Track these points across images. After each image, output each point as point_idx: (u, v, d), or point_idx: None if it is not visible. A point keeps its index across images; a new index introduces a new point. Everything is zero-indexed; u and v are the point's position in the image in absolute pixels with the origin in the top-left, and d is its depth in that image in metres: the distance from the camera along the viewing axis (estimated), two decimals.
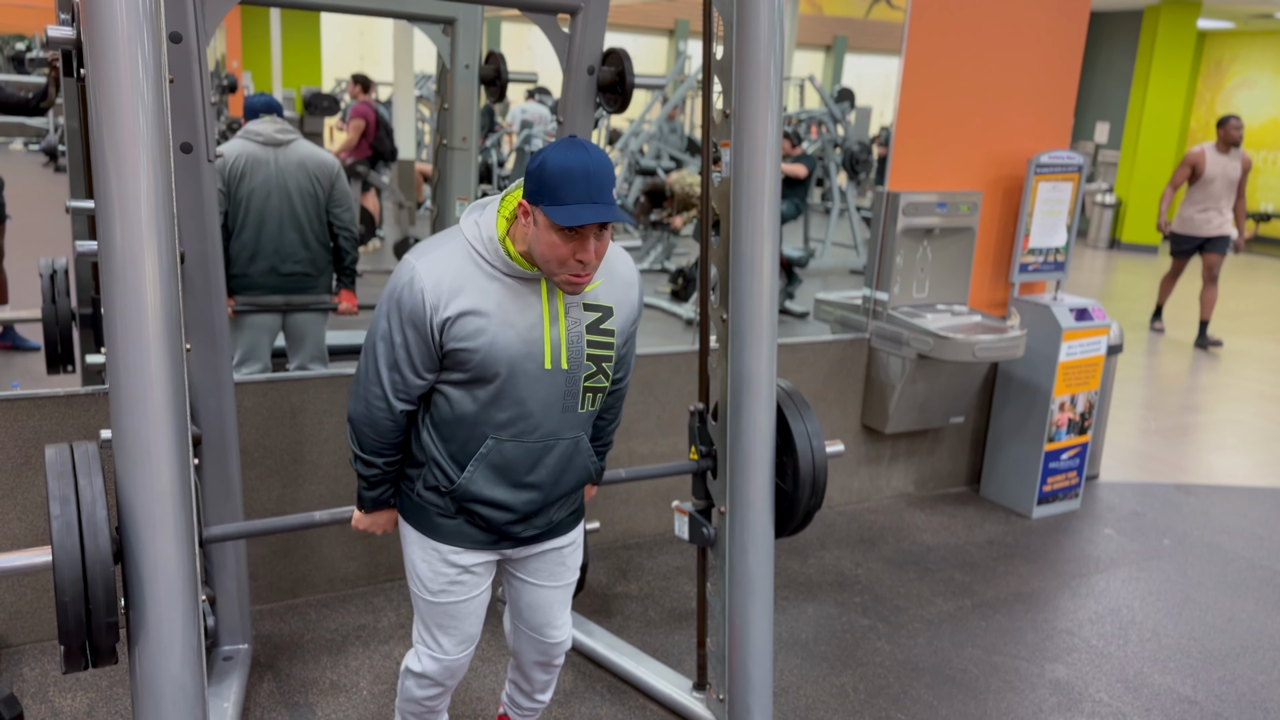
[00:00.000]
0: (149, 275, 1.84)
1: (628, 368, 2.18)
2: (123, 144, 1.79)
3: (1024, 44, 4.16)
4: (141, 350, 1.84)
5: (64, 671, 1.86)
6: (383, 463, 2.03)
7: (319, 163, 3.80)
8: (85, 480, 1.83)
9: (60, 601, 1.77)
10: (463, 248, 1.90)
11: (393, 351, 1.90)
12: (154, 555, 1.86)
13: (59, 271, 3.44)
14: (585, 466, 2.07)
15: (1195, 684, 3.12)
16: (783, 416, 2.57)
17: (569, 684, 2.92)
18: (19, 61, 13.69)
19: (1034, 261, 4.33)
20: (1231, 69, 14.30)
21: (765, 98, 2.40)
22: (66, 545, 1.77)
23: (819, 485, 2.56)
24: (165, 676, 1.90)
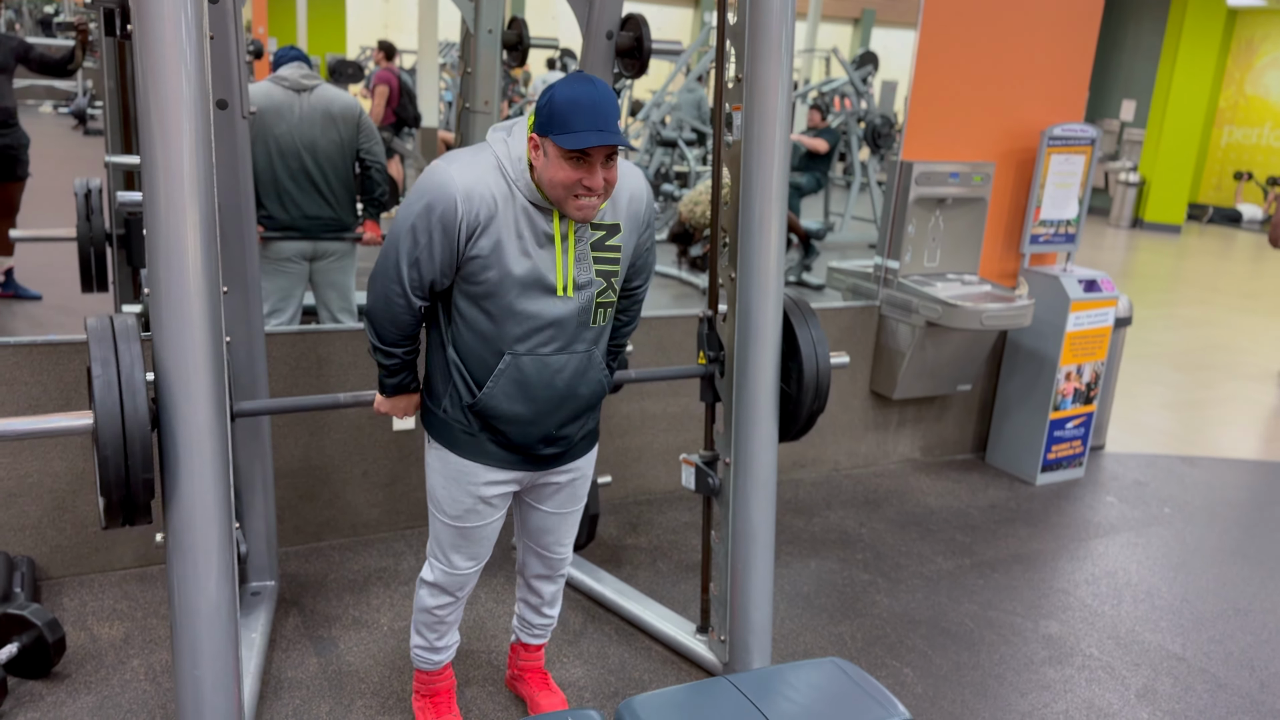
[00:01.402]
0: (190, 223, 1.96)
1: (646, 275, 2.29)
2: (167, 99, 1.91)
3: (1040, 16, 4.21)
4: (183, 292, 1.97)
5: (103, 527, 1.99)
6: (401, 352, 2.15)
7: (343, 105, 3.91)
8: (125, 346, 1.95)
9: (101, 457, 1.89)
10: (493, 163, 1.99)
11: (415, 249, 1.98)
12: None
13: (93, 191, 3.51)
14: (598, 380, 2.19)
15: (1185, 642, 3.23)
16: (789, 324, 2.67)
17: (578, 624, 3.06)
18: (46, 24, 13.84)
19: (1045, 233, 4.40)
20: (1263, 48, 14.14)
21: (776, 63, 2.49)
22: (107, 403, 1.89)
23: (822, 389, 2.66)
24: (201, 597, 2.04)
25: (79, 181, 3.50)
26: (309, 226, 3.93)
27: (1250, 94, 14.39)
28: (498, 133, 2.05)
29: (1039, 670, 3.02)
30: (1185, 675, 3.04)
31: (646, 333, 3.79)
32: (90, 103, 11.38)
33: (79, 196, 3.44)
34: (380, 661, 2.82)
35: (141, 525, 2.02)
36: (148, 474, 1.92)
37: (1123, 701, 2.89)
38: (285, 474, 3.33)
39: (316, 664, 2.79)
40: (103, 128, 3.62)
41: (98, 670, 2.69)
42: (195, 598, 2.03)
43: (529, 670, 2.67)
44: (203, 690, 2.08)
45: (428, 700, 2.53)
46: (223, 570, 2.04)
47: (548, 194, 1.97)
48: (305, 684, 2.70)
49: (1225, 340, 7.37)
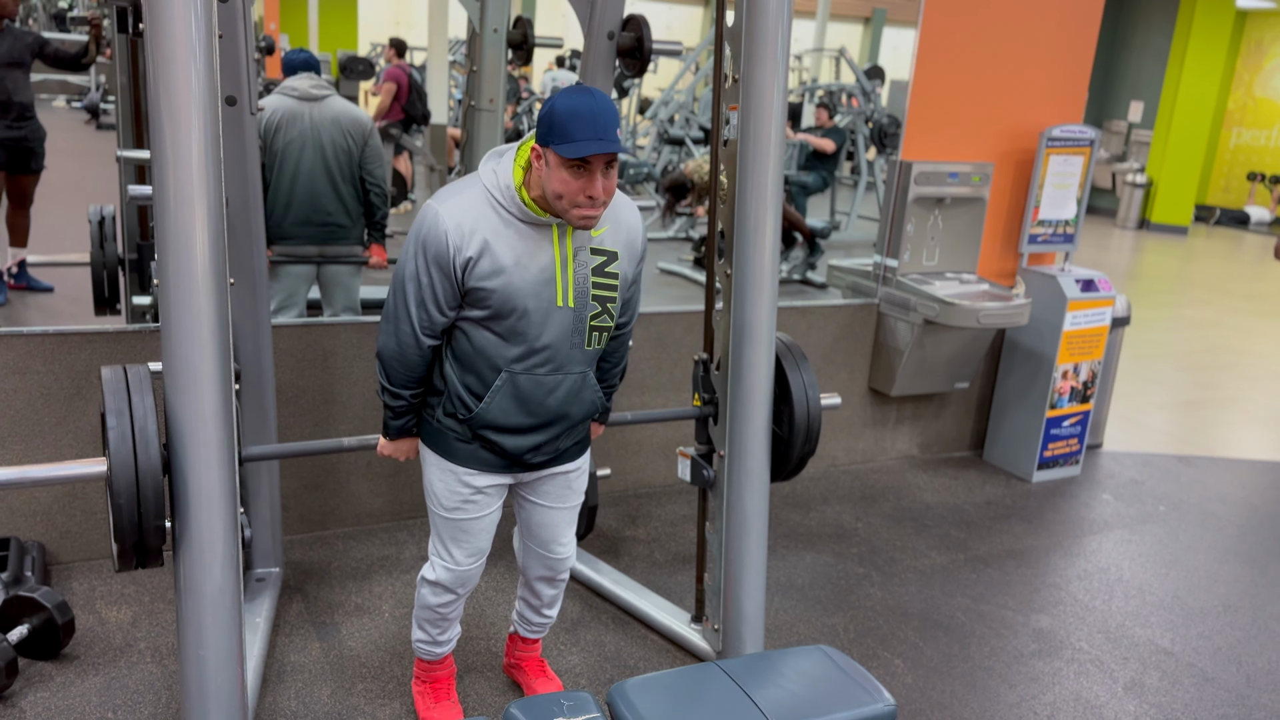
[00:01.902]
0: (199, 216, 2.02)
1: (632, 313, 2.36)
2: (177, 95, 1.97)
3: (1040, 17, 4.25)
4: (191, 283, 2.03)
5: (116, 570, 2.07)
6: (409, 395, 2.22)
7: (353, 119, 3.97)
8: (138, 397, 2.03)
9: (115, 504, 1.98)
10: (482, 193, 2.07)
11: (420, 291, 2.08)
12: (199, 468, 2.06)
13: (107, 218, 3.65)
14: (591, 400, 2.26)
15: (1174, 637, 3.27)
16: (781, 367, 2.74)
17: (576, 614, 3.12)
18: (61, 19, 13.95)
19: (1043, 233, 4.44)
20: (1272, 49, 14.12)
21: (772, 63, 2.54)
22: (121, 453, 1.97)
23: (813, 433, 2.73)
24: (207, 580, 2.10)
25: (93, 209, 3.63)
26: (317, 235, 4.00)
27: (1259, 96, 14.36)
28: (489, 161, 2.13)
29: (1028, 663, 3.07)
30: (1173, 669, 3.09)
31: (646, 329, 3.85)
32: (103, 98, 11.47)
33: (93, 224, 3.57)
34: (381, 647, 2.88)
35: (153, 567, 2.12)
36: (159, 521, 2.01)
37: (1110, 694, 2.94)
38: (291, 464, 3.39)
39: (319, 648, 2.85)
40: (115, 122, 3.71)
41: (105, 652, 2.76)
42: (201, 580, 2.09)
43: (526, 659, 2.73)
44: (206, 670, 2.14)
45: (427, 686, 2.60)
46: (228, 555, 2.11)
47: (550, 203, 2.03)
48: (308, 668, 2.76)
49: (1228, 341, 7.40)
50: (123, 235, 3.66)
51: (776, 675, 2.17)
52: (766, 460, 2.72)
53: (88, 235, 3.61)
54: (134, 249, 3.68)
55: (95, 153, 9.88)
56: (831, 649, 2.19)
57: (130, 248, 3.68)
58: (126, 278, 3.71)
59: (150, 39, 1.96)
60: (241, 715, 2.20)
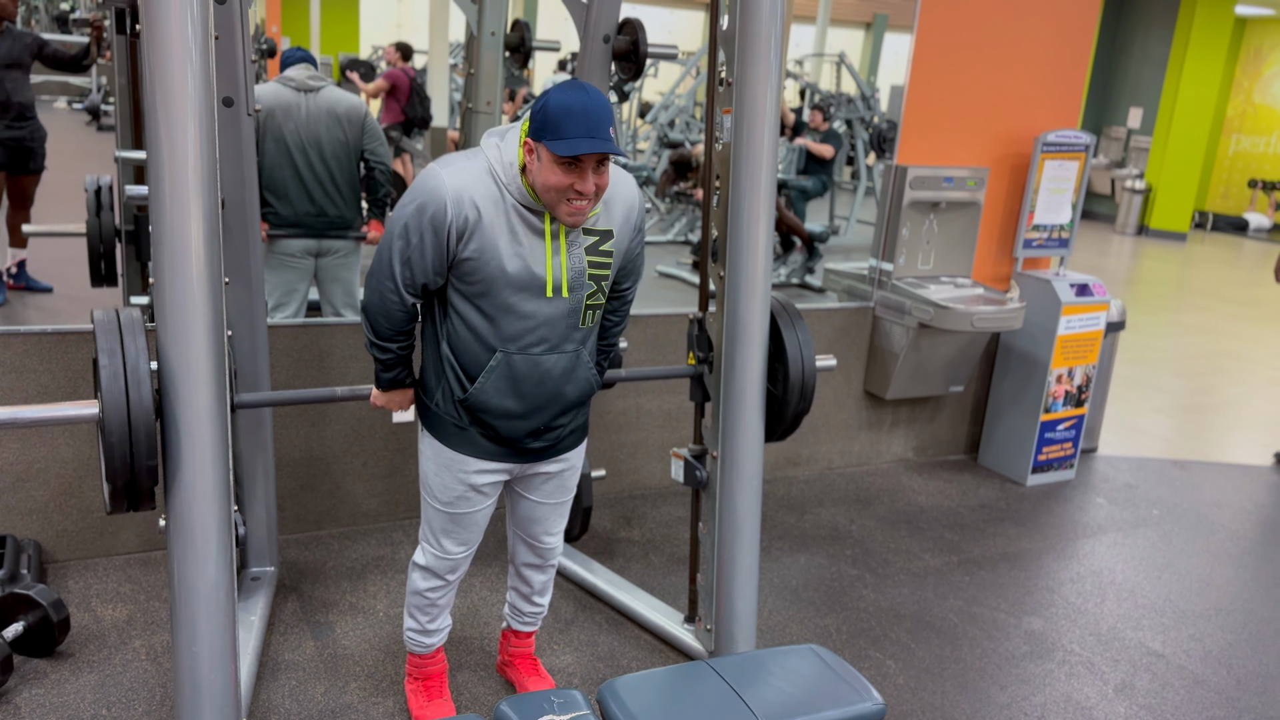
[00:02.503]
0: (194, 217, 2.04)
1: (636, 276, 2.36)
2: (173, 96, 1.99)
3: (1035, 23, 4.27)
4: (186, 283, 2.04)
5: (109, 512, 2.06)
6: (396, 347, 2.23)
7: (348, 106, 3.99)
8: (130, 338, 2.03)
9: (106, 444, 1.97)
10: (485, 167, 2.07)
11: (408, 248, 2.07)
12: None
13: (103, 187, 3.59)
14: (587, 379, 2.27)
15: (1165, 640, 3.28)
16: (776, 326, 2.73)
17: (569, 614, 3.13)
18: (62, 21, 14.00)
19: (1038, 238, 4.46)
20: (1271, 56, 14.15)
21: (765, 67, 2.56)
22: (113, 392, 1.97)
23: (808, 390, 2.73)
24: (201, 577, 2.12)
25: (90, 178, 3.58)
26: (315, 224, 4.01)
27: (1258, 103, 14.39)
28: (491, 138, 2.13)
29: (1020, 665, 3.08)
30: (1164, 672, 3.10)
31: (642, 330, 3.87)
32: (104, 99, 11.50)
33: (89, 193, 3.53)
34: (375, 646, 2.89)
35: (145, 510, 2.10)
36: (151, 461, 2.00)
37: (1100, 696, 2.95)
38: (286, 464, 3.41)
39: (313, 647, 2.87)
40: (115, 124, 3.72)
41: (100, 650, 2.77)
42: (194, 576, 2.11)
43: (519, 656, 2.74)
44: (200, 666, 2.15)
45: (420, 683, 2.61)
46: (221, 550, 2.12)
47: (540, 197, 2.04)
48: (302, 666, 2.78)
49: (1225, 347, 7.41)
50: (119, 204, 3.61)
51: (766, 674, 2.18)
52: (759, 461, 2.73)
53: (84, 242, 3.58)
54: (130, 220, 3.63)
55: (96, 154, 9.90)
56: (821, 648, 2.21)
57: (127, 218, 3.63)
58: (124, 248, 3.67)
59: (146, 40, 1.98)
60: (235, 712, 2.21)
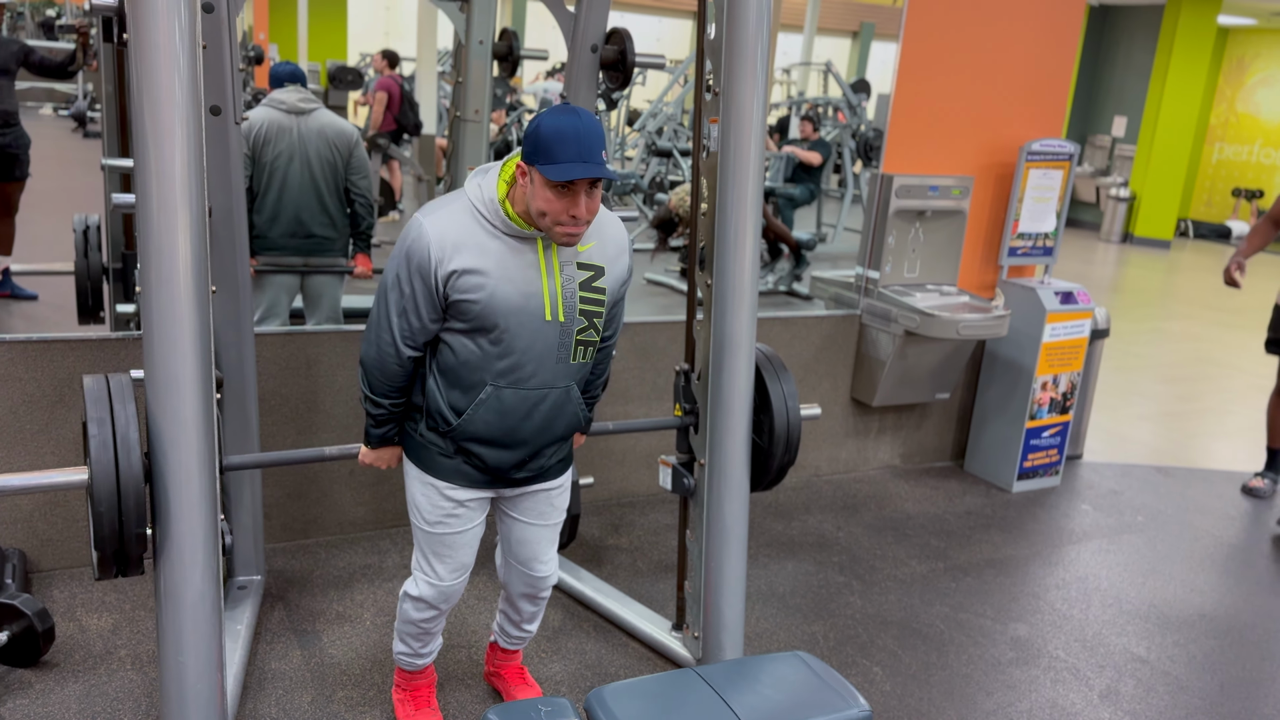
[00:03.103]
0: (181, 224, 2.04)
1: (616, 327, 2.38)
2: (160, 104, 2.00)
3: (1020, 33, 4.31)
4: (173, 291, 2.05)
5: (96, 578, 2.08)
6: (389, 404, 2.23)
7: (338, 131, 3.99)
8: (120, 405, 2.04)
9: (95, 512, 1.99)
10: (466, 207, 2.09)
11: (402, 300, 2.10)
12: (179, 477, 2.08)
13: (91, 227, 3.66)
14: (575, 414, 2.27)
15: (1149, 646, 3.31)
16: (761, 378, 2.77)
17: (557, 622, 3.13)
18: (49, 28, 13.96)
19: (1023, 246, 4.49)
20: (1254, 66, 14.29)
21: (752, 77, 2.58)
22: (103, 461, 1.98)
23: (793, 442, 2.75)
24: (187, 587, 2.12)
25: (78, 218, 3.64)
26: (301, 246, 4.02)
27: (1241, 111, 14.53)
28: (474, 178, 2.15)
29: (1005, 671, 3.10)
30: (1148, 677, 3.12)
31: (630, 338, 3.87)
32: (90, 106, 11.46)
33: (77, 233, 3.58)
34: (362, 655, 2.89)
35: (134, 576, 2.12)
36: (140, 528, 2.01)
37: (1085, 702, 2.97)
38: (273, 472, 3.40)
39: (300, 656, 2.86)
40: (101, 131, 3.73)
41: (86, 659, 2.76)
42: (181, 585, 2.11)
43: (506, 667, 2.74)
44: (186, 676, 2.15)
45: (407, 694, 2.60)
46: (208, 559, 2.12)
47: (534, 220, 2.05)
48: (288, 675, 2.77)
49: (1209, 355, 7.47)
50: (107, 244, 3.67)
51: (753, 681, 2.18)
52: (746, 468, 2.74)
53: (72, 244, 3.62)
54: (119, 258, 3.69)
55: (81, 161, 9.87)
56: (808, 655, 2.21)
57: (115, 257, 3.70)
58: (111, 287, 3.72)
59: (134, 48, 1.98)
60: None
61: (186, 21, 1.99)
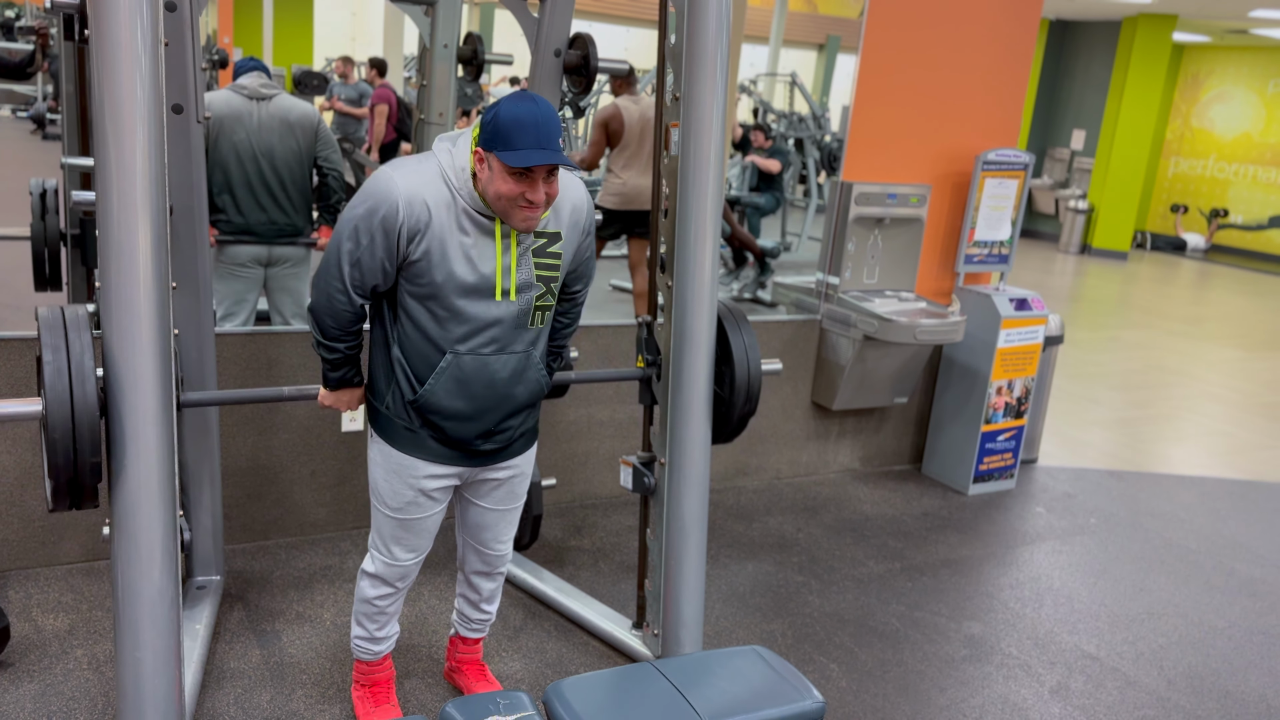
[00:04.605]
0: (141, 222, 2.05)
1: (586, 280, 2.41)
2: (121, 102, 2.01)
3: (976, 47, 4.40)
4: (133, 289, 2.05)
5: (50, 509, 2.05)
6: (344, 346, 2.24)
7: (300, 114, 4.00)
8: (75, 335, 2.03)
9: (49, 440, 1.96)
10: (437, 171, 2.11)
11: (357, 249, 2.09)
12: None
13: (49, 190, 3.54)
14: (536, 380, 2.30)
15: (1100, 643, 3.38)
16: (723, 329, 2.79)
17: (518, 621, 3.15)
18: (8, 29, 13.79)
19: (979, 253, 4.58)
20: (1208, 82, 14.63)
21: (712, 82, 2.62)
22: (57, 388, 1.97)
23: (753, 392, 2.79)
24: (144, 580, 2.11)
25: (34, 181, 3.55)
26: (265, 231, 4.01)
27: (1196, 126, 14.86)
28: (443, 142, 2.16)
29: (959, 668, 3.16)
30: (1098, 673, 3.19)
31: (593, 340, 3.91)
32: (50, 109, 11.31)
33: (34, 196, 3.50)
34: (322, 654, 2.89)
35: (88, 508, 2.09)
36: (95, 458, 2.00)
37: (1036, 697, 3.04)
38: (234, 473, 3.39)
39: (259, 655, 2.86)
40: (61, 132, 3.69)
41: (41, 660, 2.74)
42: (138, 580, 2.10)
43: (467, 662, 2.76)
44: (143, 672, 2.15)
45: (367, 690, 2.61)
46: (166, 554, 2.12)
47: (491, 205, 2.08)
48: (247, 674, 2.76)
49: (1163, 363, 7.63)
50: (64, 208, 3.57)
51: (710, 674, 2.22)
52: (706, 467, 2.78)
53: (27, 247, 3.54)
54: (76, 224, 3.59)
55: (40, 162, 9.75)
56: (764, 649, 2.25)
57: (72, 222, 3.59)
58: (69, 252, 3.62)
59: (95, 46, 1.99)
60: (178, 718, 2.20)
61: (148, 19, 2.00)
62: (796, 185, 10.58)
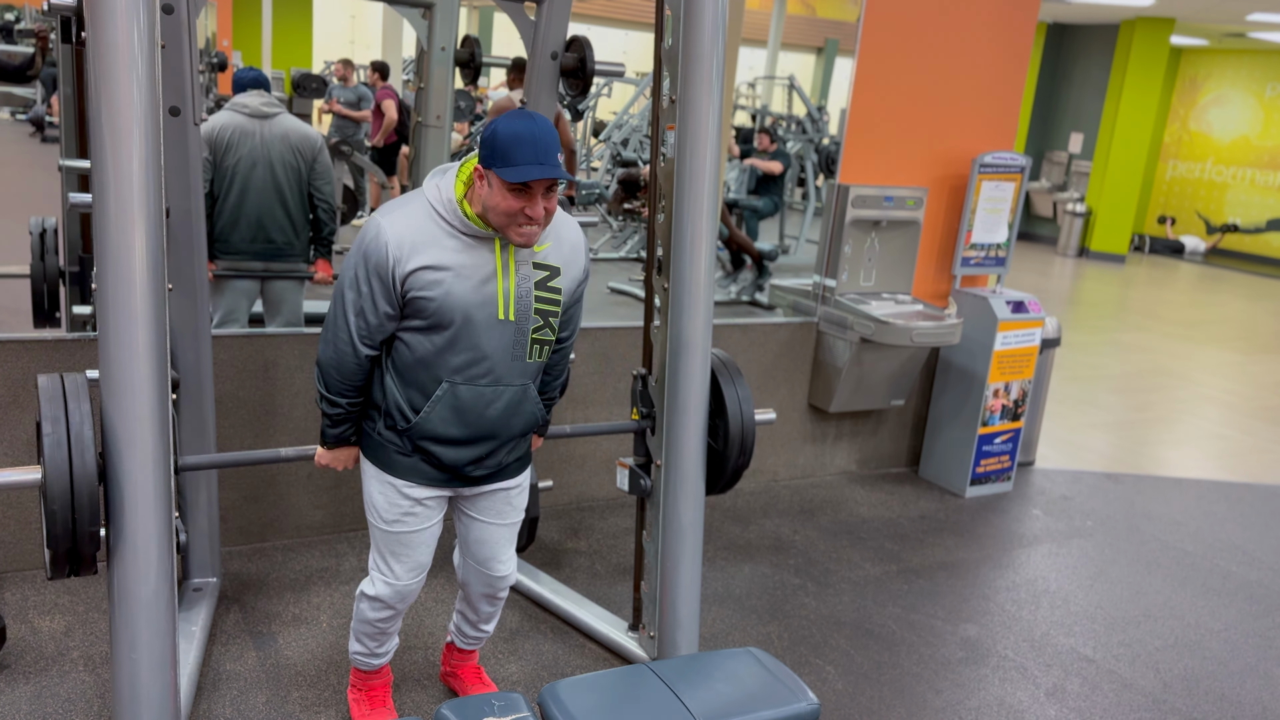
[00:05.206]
0: (138, 224, 2.05)
1: (573, 328, 2.42)
2: (118, 104, 2.01)
3: (973, 50, 4.41)
4: (129, 290, 2.06)
5: (49, 577, 2.08)
6: (346, 403, 2.25)
7: (302, 136, 4.00)
8: (74, 404, 2.05)
9: (49, 511, 1.99)
10: (424, 207, 2.13)
11: (359, 299, 2.12)
12: (134, 476, 2.07)
13: (48, 230, 3.62)
14: (532, 413, 2.31)
15: (1096, 646, 3.38)
16: (716, 382, 2.81)
17: (515, 624, 3.15)
18: (8, 32, 13.80)
19: (976, 256, 4.59)
20: (1206, 86, 14.64)
21: (708, 85, 2.63)
22: (56, 459, 1.99)
23: (747, 446, 2.80)
24: (141, 584, 2.12)
25: (34, 220, 3.60)
26: (262, 250, 4.01)
27: (1194, 130, 14.87)
28: (432, 178, 2.19)
29: (955, 670, 3.16)
30: (1094, 676, 3.20)
31: (591, 344, 3.91)
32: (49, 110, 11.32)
33: (34, 235, 3.55)
34: (318, 656, 2.89)
35: (87, 575, 2.12)
36: (94, 527, 2.02)
37: (1032, 699, 3.04)
38: (230, 475, 3.39)
39: (255, 658, 2.86)
40: (59, 135, 3.71)
41: (37, 661, 2.74)
42: (134, 582, 2.10)
43: (463, 667, 2.76)
44: (139, 674, 2.15)
45: (363, 694, 2.61)
46: (162, 556, 2.12)
47: (492, 221, 2.10)
48: (243, 676, 2.77)
49: (1161, 365, 7.63)
50: (64, 247, 3.64)
51: (705, 676, 2.22)
52: (701, 469, 2.79)
53: (28, 247, 3.59)
54: (75, 261, 3.66)
55: (39, 165, 9.75)
56: (759, 651, 2.26)
57: (71, 260, 3.66)
58: (67, 290, 3.68)
59: (92, 47, 2.00)
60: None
61: (145, 22, 2.01)
62: (795, 188, 10.59)
